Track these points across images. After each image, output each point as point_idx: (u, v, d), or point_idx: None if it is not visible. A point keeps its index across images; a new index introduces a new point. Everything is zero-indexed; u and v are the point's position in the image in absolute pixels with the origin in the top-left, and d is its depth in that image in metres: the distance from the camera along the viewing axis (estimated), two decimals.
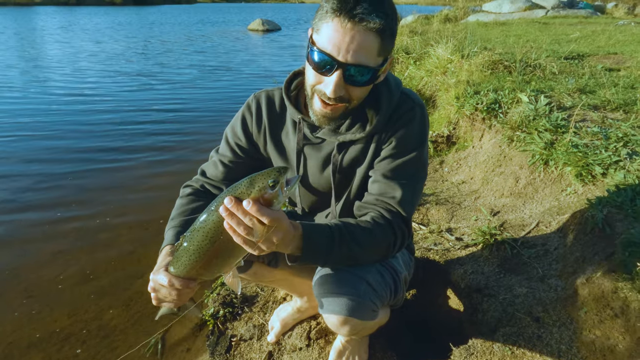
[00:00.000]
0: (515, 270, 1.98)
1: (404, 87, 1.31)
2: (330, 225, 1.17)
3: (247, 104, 1.44)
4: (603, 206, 1.79)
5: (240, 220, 0.89)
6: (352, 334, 1.33)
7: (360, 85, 1.12)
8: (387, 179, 1.26)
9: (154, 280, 1.06)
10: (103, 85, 8.01)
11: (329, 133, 1.30)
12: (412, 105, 1.27)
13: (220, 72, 9.53)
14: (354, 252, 1.19)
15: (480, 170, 2.91)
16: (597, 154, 2.18)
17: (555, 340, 1.58)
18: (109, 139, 4.92)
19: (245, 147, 1.43)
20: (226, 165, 1.42)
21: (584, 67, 4.16)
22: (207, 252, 0.97)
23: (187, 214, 1.33)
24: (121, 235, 2.98)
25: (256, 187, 0.90)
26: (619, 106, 2.84)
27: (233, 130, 1.45)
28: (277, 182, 0.91)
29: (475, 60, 4.16)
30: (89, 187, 3.72)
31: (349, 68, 1.06)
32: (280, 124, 1.42)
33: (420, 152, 1.28)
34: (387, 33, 1.04)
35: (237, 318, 2.09)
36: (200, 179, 1.45)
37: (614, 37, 6.49)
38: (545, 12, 13.30)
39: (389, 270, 1.40)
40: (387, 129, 1.27)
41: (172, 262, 1.05)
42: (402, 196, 1.25)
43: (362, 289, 1.25)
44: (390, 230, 1.22)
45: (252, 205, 0.87)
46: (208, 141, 4.88)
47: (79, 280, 2.51)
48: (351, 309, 1.23)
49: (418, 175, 1.30)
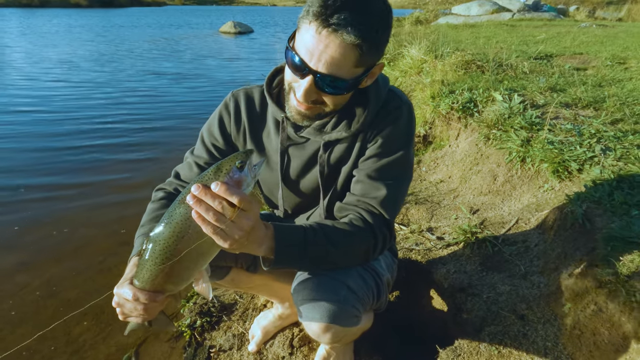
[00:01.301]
0: (498, 268, 1.97)
1: (392, 85, 1.26)
2: (303, 226, 1.13)
3: (224, 103, 1.37)
4: (582, 202, 1.80)
5: (209, 206, 0.84)
6: (335, 341, 1.27)
7: (332, 94, 1.07)
8: (371, 179, 1.22)
9: (118, 295, 0.98)
10: (49, 96, 6.98)
11: (314, 132, 1.25)
12: (399, 104, 1.23)
13: (191, 78, 9.03)
14: (331, 255, 1.14)
15: (458, 169, 2.91)
16: (572, 150, 2.20)
17: (540, 338, 1.57)
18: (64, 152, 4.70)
19: (223, 149, 1.36)
20: (201, 167, 1.35)
21: (553, 67, 4.26)
22: (175, 252, 0.90)
23: (158, 219, 1.25)
24: (89, 245, 2.82)
25: (223, 171, 0.87)
26: (589, 103, 2.90)
27: (209, 130, 1.38)
28: (244, 163, 0.88)
29: (449, 61, 4.20)
30: (53, 194, 3.53)
31: (320, 76, 1.01)
32: (261, 124, 1.35)
33: (406, 152, 1.24)
34: (367, 46, 0.98)
35: (216, 328, 2.00)
36: (173, 181, 1.37)
37: (578, 39, 6.70)
38: (512, 14, 13.66)
39: (370, 273, 1.36)
40: (373, 127, 1.23)
41: (136, 273, 0.97)
42: (385, 197, 1.20)
43: (343, 294, 1.20)
44: (370, 233, 1.18)
45: (221, 186, 0.83)
46: (177, 149, 4.67)
47: (44, 293, 2.35)
48: (332, 315, 1.17)
49: (403, 176, 1.26)
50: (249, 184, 0.90)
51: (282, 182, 1.37)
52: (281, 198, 1.42)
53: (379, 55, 1.07)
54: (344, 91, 1.07)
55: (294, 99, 1.13)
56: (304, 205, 1.44)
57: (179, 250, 0.90)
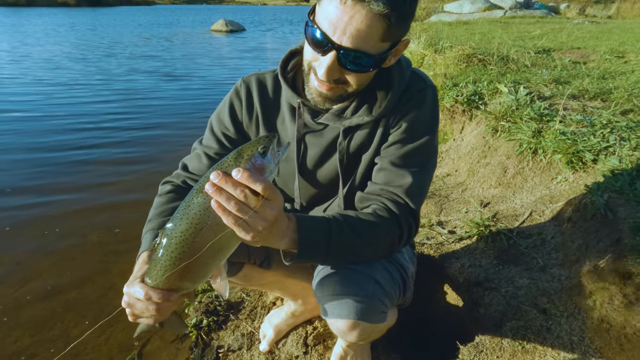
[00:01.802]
0: (514, 261, 1.92)
1: (414, 67, 1.19)
2: (326, 217, 1.05)
3: (234, 90, 1.29)
4: (602, 192, 1.75)
5: (230, 195, 0.76)
6: (361, 339, 1.20)
7: (356, 72, 1.00)
8: (395, 166, 1.14)
9: (129, 294, 0.91)
10: (32, 95, 6.66)
11: (333, 118, 1.17)
12: (424, 86, 1.15)
13: (183, 78, 8.60)
14: (356, 246, 1.06)
15: (465, 162, 2.86)
16: (586, 141, 2.16)
17: (565, 332, 1.51)
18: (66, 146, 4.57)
19: (234, 138, 1.28)
20: (211, 157, 1.26)
21: (553, 60, 4.23)
22: (192, 246, 0.82)
23: (166, 214, 1.16)
24: (87, 243, 2.72)
25: (245, 157, 0.80)
26: (596, 95, 2.87)
27: (219, 119, 1.29)
28: (267, 148, 0.81)
29: (450, 54, 4.15)
30: (49, 191, 3.41)
31: (343, 52, 0.93)
32: (275, 111, 1.27)
33: (431, 137, 1.17)
34: (395, 17, 0.90)
35: (223, 327, 1.92)
36: (181, 173, 1.28)
37: (573, 34, 6.71)
38: (504, 12, 13.71)
39: (395, 266, 1.29)
40: (396, 111, 1.15)
41: (148, 271, 0.90)
42: (410, 185, 1.13)
43: (370, 288, 1.13)
44: (396, 223, 1.10)
45: (243, 172, 0.75)
46: (170, 150, 4.39)
47: (41, 294, 2.25)
48: (360, 311, 1.10)
49: (429, 162, 1.19)
50: (272, 170, 0.83)
51: (299, 172, 1.29)
52: (297, 189, 1.34)
53: (405, 29, 0.99)
54: (368, 68, 0.99)
55: (314, 79, 1.06)
56: (320, 197, 1.37)
57: (197, 244, 0.82)
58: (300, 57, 1.21)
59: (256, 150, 0.81)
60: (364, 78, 1.05)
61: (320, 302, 1.15)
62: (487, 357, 1.53)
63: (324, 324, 1.78)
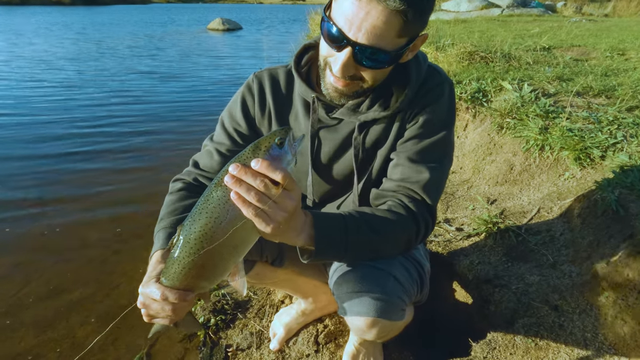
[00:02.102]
0: (523, 258, 1.91)
1: (430, 62, 1.18)
2: (342, 213, 1.04)
3: (246, 85, 1.27)
4: (613, 188, 1.74)
5: (250, 186, 0.75)
6: (380, 337, 1.19)
7: (372, 68, 0.98)
8: (412, 162, 1.12)
9: (144, 294, 0.89)
10: (24, 97, 6.41)
11: (348, 112, 1.16)
12: (441, 81, 1.14)
13: (182, 78, 8.36)
14: (373, 243, 1.04)
15: (470, 160, 2.85)
16: (594, 137, 2.16)
17: (578, 329, 1.51)
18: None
19: (246, 134, 1.26)
20: (223, 154, 1.24)
21: (555, 58, 4.23)
22: (212, 242, 0.81)
23: (178, 212, 1.15)
24: (90, 243, 2.69)
25: (262, 149, 0.80)
26: (600, 92, 2.87)
27: (231, 115, 1.28)
28: (284, 139, 0.82)
29: (452, 52, 4.14)
30: (50, 189, 3.37)
31: (359, 48, 0.92)
32: (288, 106, 1.26)
33: (448, 132, 1.16)
34: (412, 13, 0.88)
35: (231, 326, 1.90)
36: (192, 171, 1.26)
37: (572, 32, 6.72)
38: (501, 10, 13.73)
39: (412, 262, 1.27)
40: (413, 105, 1.14)
41: (164, 270, 0.88)
42: (427, 181, 1.11)
43: (389, 285, 1.11)
44: (412, 220, 1.09)
45: (262, 162, 0.75)
46: (169, 154, 4.20)
47: (44, 294, 2.22)
48: (380, 309, 1.08)
49: (446, 158, 1.18)
50: (290, 161, 0.83)
51: (312, 167, 1.28)
52: (310, 185, 1.33)
53: (423, 25, 0.97)
54: (385, 65, 0.98)
55: (330, 74, 1.04)
56: (334, 194, 1.35)
57: (216, 240, 0.81)
58: (313, 52, 1.20)
59: (273, 142, 0.81)
60: (380, 74, 1.03)
61: (339, 299, 1.13)
62: (500, 354, 1.52)
63: (335, 322, 1.76)
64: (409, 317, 1.28)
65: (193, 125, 5.09)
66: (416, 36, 0.99)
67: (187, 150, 4.04)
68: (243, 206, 0.76)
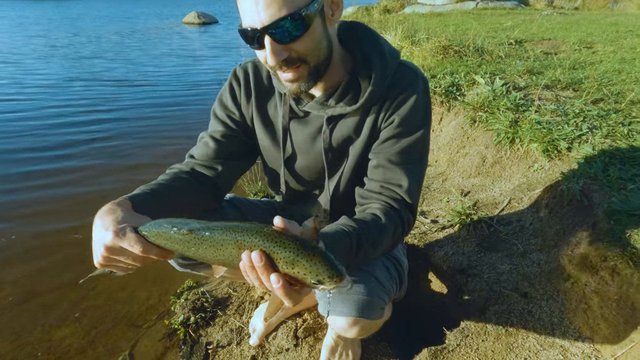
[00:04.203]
0: (495, 247, 1.98)
1: (404, 59, 1.20)
2: (348, 232, 0.98)
3: (233, 73, 1.29)
4: (578, 178, 1.82)
5: (260, 282, 0.73)
6: (360, 335, 1.22)
7: (296, 39, 0.95)
8: (392, 163, 1.14)
9: (118, 242, 0.83)
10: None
11: (317, 106, 1.17)
12: (414, 78, 1.14)
13: (158, 78, 7.55)
14: (369, 255, 1.05)
15: (445, 153, 2.91)
16: (561, 130, 2.23)
17: (546, 314, 1.58)
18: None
19: (237, 119, 1.28)
20: (218, 140, 1.26)
21: (526, 51, 4.34)
22: (224, 263, 0.78)
23: (162, 186, 1.13)
24: (64, 243, 2.64)
25: (295, 270, 0.70)
26: (568, 85, 2.96)
27: (222, 103, 1.30)
28: (321, 283, 0.70)
29: (426, 46, 4.19)
30: (21, 192, 3.29)
31: (270, 30, 0.92)
32: (268, 95, 1.27)
33: (426, 130, 1.17)
34: None
35: (211, 323, 1.91)
36: (189, 161, 1.28)
37: (543, 25, 6.87)
38: (476, 3, 13.90)
39: (392, 262, 1.31)
40: (387, 103, 1.14)
41: (152, 226, 0.83)
42: (409, 184, 1.13)
43: (371, 286, 1.15)
44: (400, 222, 1.12)
45: (281, 286, 0.70)
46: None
47: (17, 298, 2.18)
48: (361, 309, 1.12)
49: (424, 157, 1.20)
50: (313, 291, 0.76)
51: (284, 160, 1.29)
52: (283, 181, 1.34)
53: None
54: (302, 28, 0.94)
55: (279, 73, 1.04)
56: (307, 188, 1.36)
57: (229, 266, 0.80)
58: None
59: (311, 279, 0.70)
60: (310, 43, 0.99)
61: (320, 299, 1.16)
62: (472, 341, 1.58)
63: (314, 316, 1.79)
64: (387, 314, 1.31)
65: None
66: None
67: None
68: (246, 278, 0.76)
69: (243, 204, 1.49)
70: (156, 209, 1.00)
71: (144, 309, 2.08)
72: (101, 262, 0.87)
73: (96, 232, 0.87)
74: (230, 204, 1.44)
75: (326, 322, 1.73)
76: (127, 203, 0.96)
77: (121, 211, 0.89)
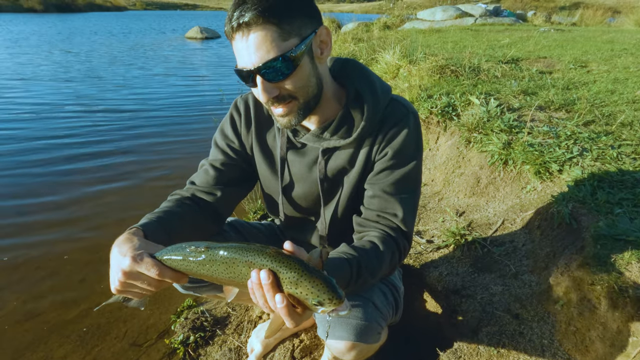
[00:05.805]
0: (488, 268, 2.02)
1: (395, 94, 1.27)
2: (348, 261, 1.04)
3: (234, 105, 1.36)
4: (567, 201, 1.87)
5: (264, 301, 0.78)
6: (357, 358, 1.26)
7: (285, 77, 1.02)
8: (387, 194, 1.20)
9: (136, 267, 0.87)
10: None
11: (313, 138, 1.23)
12: (406, 112, 1.21)
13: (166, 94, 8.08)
14: (367, 281, 1.11)
15: (441, 172, 2.97)
16: (552, 152, 2.29)
17: (537, 336, 1.62)
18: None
19: (237, 148, 1.35)
20: (217, 168, 1.32)
21: (522, 71, 4.42)
22: (235, 284, 0.84)
23: (167, 213, 1.18)
24: (67, 262, 2.70)
25: (298, 290, 0.76)
26: (561, 106, 3.03)
27: (223, 133, 1.36)
28: (322, 304, 0.76)
29: (424, 66, 4.29)
30: (25, 209, 3.35)
31: (261, 70, 1.00)
32: (268, 126, 1.34)
33: (418, 161, 1.23)
34: (271, 13, 0.95)
35: (210, 342, 1.95)
36: (190, 187, 1.33)
37: (540, 43, 6.99)
38: (474, 19, 14.12)
39: (389, 287, 1.37)
40: (379, 137, 1.21)
41: (167, 251, 0.88)
42: (404, 213, 1.20)
43: (369, 311, 1.21)
44: (396, 249, 1.18)
45: (284, 306, 0.75)
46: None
47: (19, 317, 2.22)
48: (359, 333, 1.17)
49: (417, 188, 1.26)
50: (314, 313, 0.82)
51: (282, 188, 1.35)
52: (281, 208, 1.40)
53: (302, 17, 1.01)
54: (290, 69, 1.01)
55: (272, 109, 1.11)
56: (305, 215, 1.43)
57: (239, 287, 0.85)
58: None
59: (312, 301, 0.76)
60: (299, 81, 1.05)
61: (320, 323, 1.21)
62: None
63: (310, 337, 1.83)
64: (384, 338, 1.36)
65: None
66: (308, 31, 1.03)
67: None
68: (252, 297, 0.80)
69: (245, 227, 1.56)
70: (167, 236, 1.08)
71: (144, 328, 2.12)
72: (118, 288, 0.92)
73: (114, 259, 0.92)
74: (232, 227, 1.51)
75: (323, 343, 1.77)
76: (140, 232, 1.02)
77: (137, 240, 0.95)
